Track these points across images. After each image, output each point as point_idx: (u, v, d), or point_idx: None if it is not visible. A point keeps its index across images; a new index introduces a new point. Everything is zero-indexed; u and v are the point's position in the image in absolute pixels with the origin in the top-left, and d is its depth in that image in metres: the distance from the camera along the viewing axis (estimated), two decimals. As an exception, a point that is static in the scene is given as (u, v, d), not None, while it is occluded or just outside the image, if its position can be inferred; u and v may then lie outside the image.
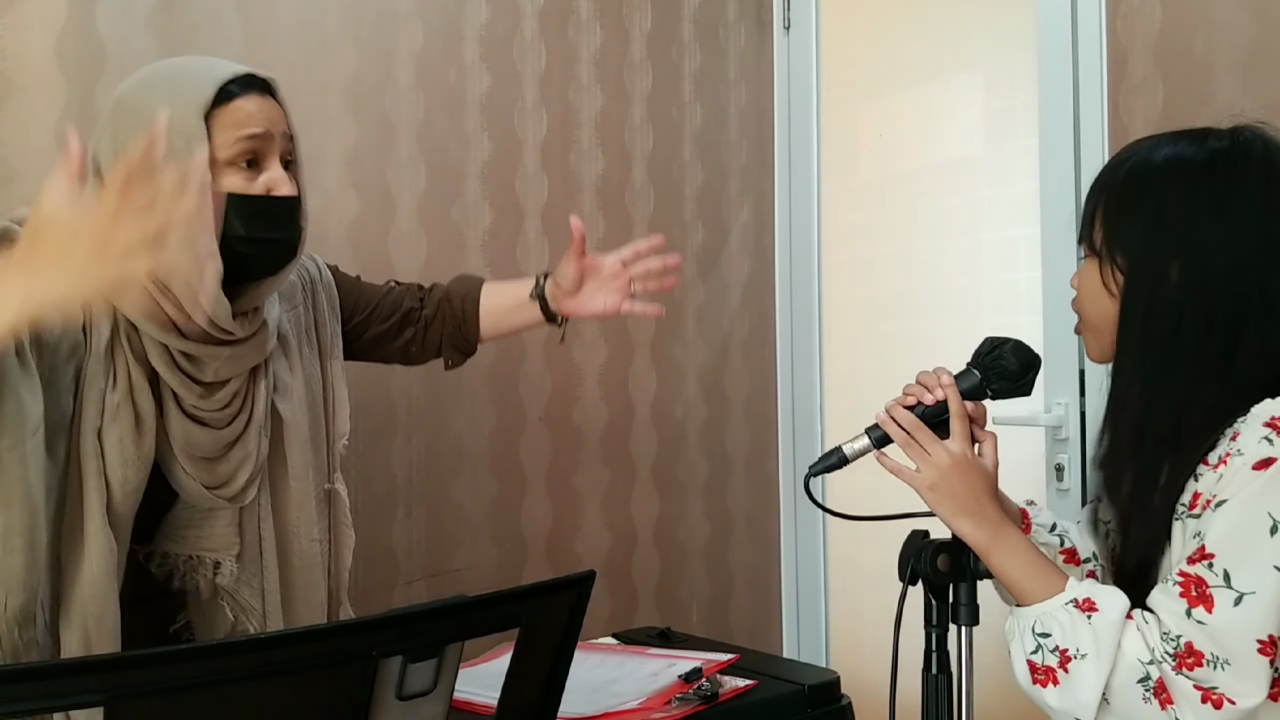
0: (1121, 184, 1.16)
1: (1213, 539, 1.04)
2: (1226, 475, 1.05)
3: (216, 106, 1.26)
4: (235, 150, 1.27)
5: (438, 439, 2.17)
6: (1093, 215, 1.18)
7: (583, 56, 2.39)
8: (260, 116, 1.29)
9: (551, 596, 0.96)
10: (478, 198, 2.23)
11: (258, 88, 1.31)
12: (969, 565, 1.17)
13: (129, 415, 1.27)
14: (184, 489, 1.33)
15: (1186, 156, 1.14)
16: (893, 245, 2.55)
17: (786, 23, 2.71)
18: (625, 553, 2.46)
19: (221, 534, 1.36)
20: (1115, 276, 1.15)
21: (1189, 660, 1.03)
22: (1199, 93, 1.89)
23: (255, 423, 1.37)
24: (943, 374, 1.22)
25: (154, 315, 1.25)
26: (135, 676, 0.75)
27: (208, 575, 1.36)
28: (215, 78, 1.27)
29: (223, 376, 1.32)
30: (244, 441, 1.36)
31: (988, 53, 2.34)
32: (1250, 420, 1.07)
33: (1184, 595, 1.04)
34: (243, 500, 1.37)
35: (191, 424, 1.31)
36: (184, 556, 1.35)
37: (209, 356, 1.30)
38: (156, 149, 1.03)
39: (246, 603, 1.39)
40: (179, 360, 1.28)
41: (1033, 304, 2.17)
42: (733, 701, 1.50)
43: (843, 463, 1.23)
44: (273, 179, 1.30)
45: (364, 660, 0.83)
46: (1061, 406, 2.10)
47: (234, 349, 1.32)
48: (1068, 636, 1.08)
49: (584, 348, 2.39)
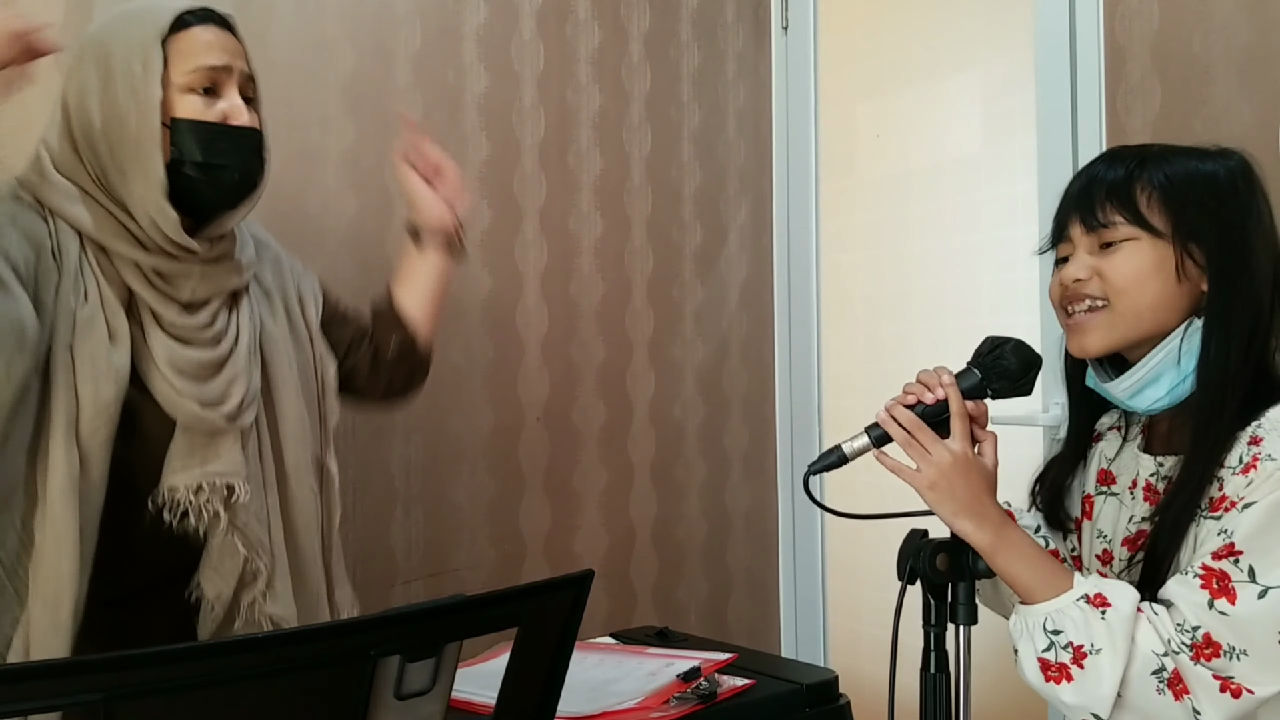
0: (1170, 173, 1.18)
1: (1241, 537, 1.06)
2: (1257, 479, 1.07)
3: (173, 34, 1.33)
4: (192, 77, 1.33)
5: (436, 438, 2.17)
6: (1131, 195, 1.17)
7: (581, 56, 2.39)
8: (218, 47, 1.35)
9: (550, 596, 0.96)
10: (476, 197, 2.22)
11: (216, 21, 1.37)
12: (968, 564, 1.17)
13: (101, 328, 1.30)
14: (177, 409, 1.33)
15: (1215, 168, 1.19)
16: (891, 245, 2.55)
17: (785, 23, 2.71)
18: (624, 552, 2.46)
19: (227, 456, 1.36)
20: (1193, 259, 1.16)
21: (1206, 651, 1.05)
22: (1197, 93, 1.89)
23: (243, 345, 1.40)
24: (943, 373, 1.22)
25: (114, 230, 1.32)
26: (134, 676, 0.75)
27: (219, 504, 1.34)
28: (173, 8, 1.34)
29: (199, 296, 1.37)
30: (233, 361, 1.38)
31: (986, 53, 2.34)
32: (1270, 425, 1.09)
33: (1205, 587, 1.06)
34: (241, 420, 1.37)
35: (175, 342, 1.34)
36: (193, 488, 1.33)
37: (181, 274, 1.35)
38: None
39: (256, 537, 1.38)
40: (152, 278, 1.33)
41: (1030, 304, 2.17)
42: (731, 701, 1.50)
43: (842, 461, 1.22)
44: (231, 108, 1.36)
45: (362, 659, 0.83)
46: (1060, 406, 2.08)
47: (204, 267, 1.37)
48: (1081, 632, 1.09)
49: (582, 347, 2.39)
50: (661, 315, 2.52)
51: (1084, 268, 1.20)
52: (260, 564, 1.38)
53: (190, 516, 1.34)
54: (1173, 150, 1.20)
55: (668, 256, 2.53)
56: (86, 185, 1.34)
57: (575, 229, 2.38)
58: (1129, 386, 1.19)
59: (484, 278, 2.23)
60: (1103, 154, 1.24)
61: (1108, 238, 1.18)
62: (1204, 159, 1.19)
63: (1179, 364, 1.16)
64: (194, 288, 1.36)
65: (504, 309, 2.27)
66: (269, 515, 1.41)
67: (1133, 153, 1.21)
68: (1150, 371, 1.18)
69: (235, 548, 1.36)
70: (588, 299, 2.40)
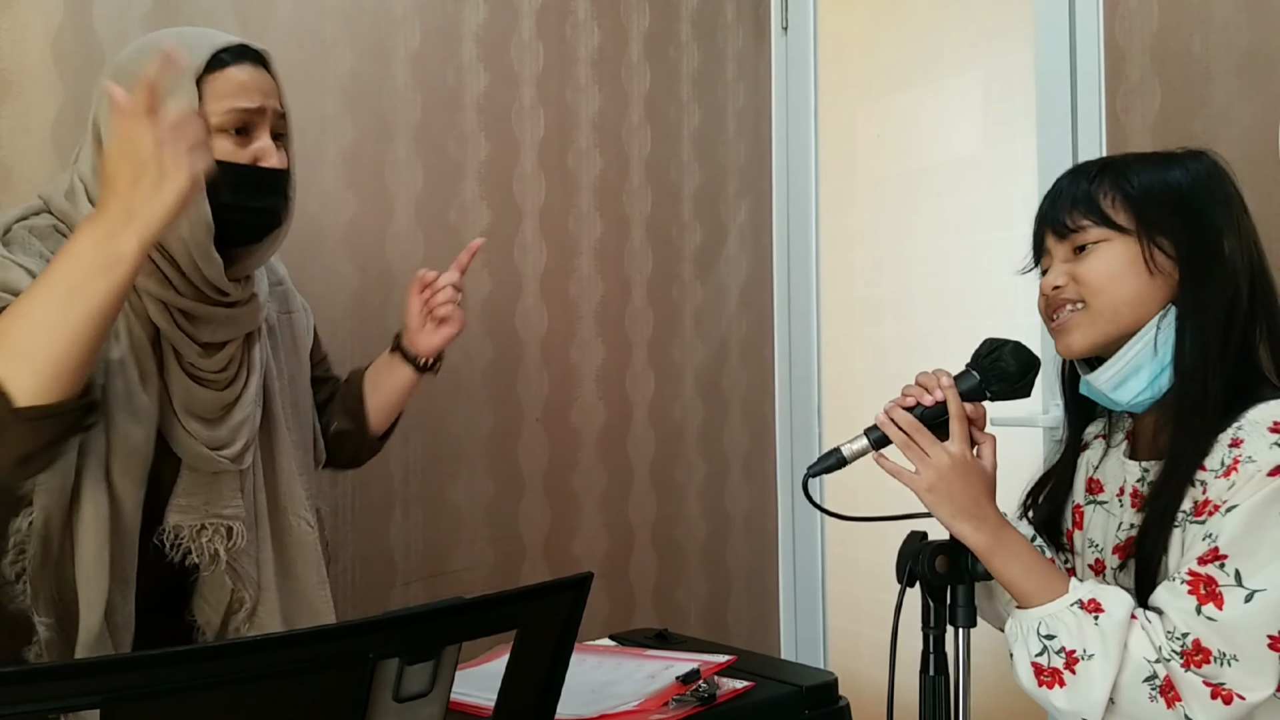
0: (1132, 178, 1.21)
1: (1225, 540, 1.06)
2: (1239, 481, 1.07)
3: (209, 73, 1.30)
4: (226, 118, 1.31)
5: (435, 440, 2.17)
6: (1094, 199, 1.20)
7: (580, 56, 2.39)
8: (252, 88, 1.33)
9: (549, 598, 0.96)
10: (475, 198, 2.23)
11: (251, 59, 1.35)
12: (967, 567, 1.17)
13: (132, 370, 1.30)
14: (187, 451, 1.35)
15: (1175, 168, 1.22)
16: (890, 246, 2.55)
17: (784, 23, 2.71)
18: (623, 553, 2.46)
19: (228, 498, 1.39)
20: (1162, 250, 1.18)
21: (1196, 657, 1.04)
22: (1196, 94, 1.89)
23: (252, 387, 1.41)
24: (942, 375, 1.22)
25: (147, 269, 1.29)
26: (132, 679, 0.75)
27: (221, 544, 1.37)
28: (209, 45, 1.32)
29: (220, 338, 1.37)
30: (242, 404, 1.40)
31: (986, 54, 2.34)
32: (1250, 427, 1.09)
33: (1192, 593, 1.06)
34: (243, 462, 1.40)
35: (192, 383, 1.34)
36: (195, 528, 1.36)
37: (207, 316, 1.34)
38: (165, 75, 1.12)
39: (245, 571, 1.41)
40: (178, 319, 1.33)
41: (1030, 305, 2.16)
42: (730, 703, 1.50)
43: (841, 464, 1.23)
44: (261, 149, 1.34)
45: (361, 662, 0.83)
46: (1059, 407, 2.10)
47: (230, 311, 1.37)
48: (1074, 638, 1.09)
49: (581, 348, 2.39)
50: (661, 316, 2.52)
51: (1060, 274, 1.23)
52: (246, 595, 1.41)
53: (192, 554, 1.37)
54: (1135, 157, 1.24)
55: (667, 257, 2.53)
56: None
57: (575, 229, 2.38)
58: (1110, 378, 1.20)
59: (483, 278, 2.23)
60: (1067, 170, 1.28)
61: (1079, 241, 1.21)
62: (1167, 162, 1.22)
63: (1156, 353, 1.17)
64: (215, 330, 1.36)
65: (503, 309, 2.27)
66: (259, 549, 1.43)
67: (1095, 164, 1.25)
68: (1130, 363, 1.19)
69: (224, 580, 1.39)
70: (587, 299, 2.40)
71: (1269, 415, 1.09)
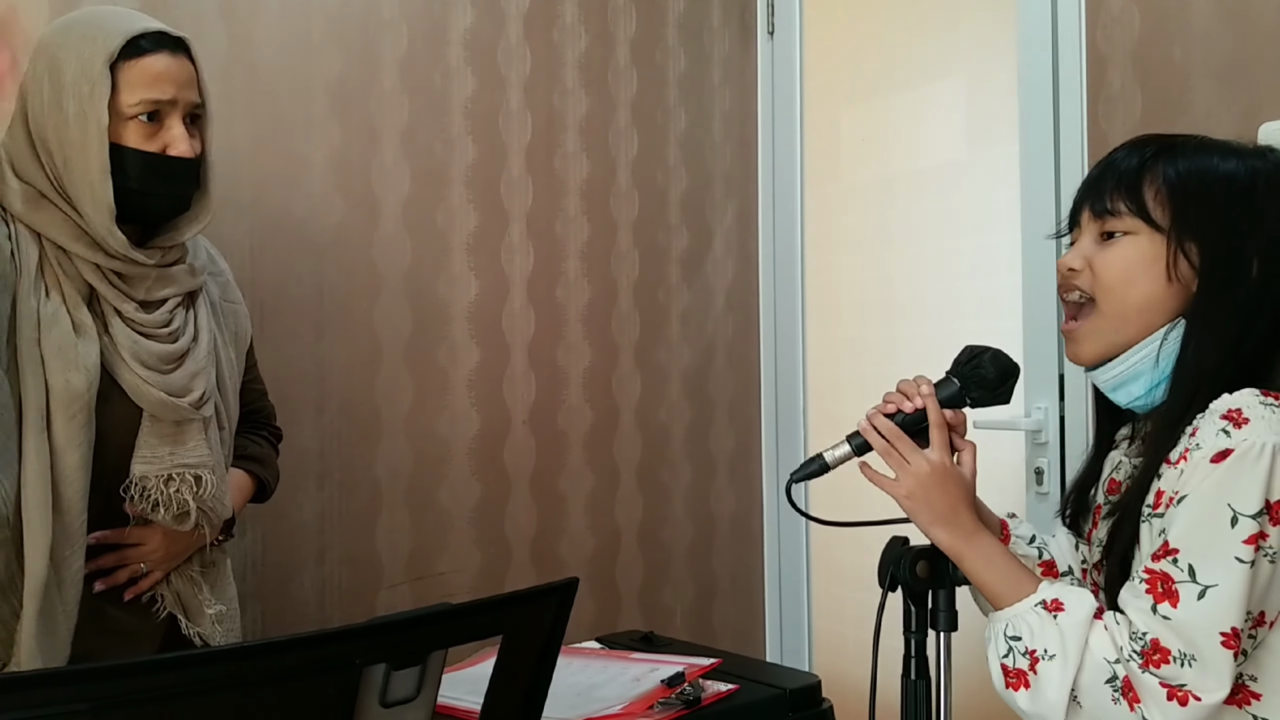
0: (1183, 168, 1.15)
1: (1175, 534, 1.04)
2: (1187, 471, 1.05)
3: (126, 60, 1.34)
4: (138, 107, 1.35)
5: (422, 442, 2.18)
6: (1139, 183, 1.15)
7: (567, 61, 2.40)
8: (167, 79, 1.37)
9: (535, 604, 0.97)
10: (462, 201, 2.23)
11: (169, 46, 1.38)
12: (947, 572, 1.18)
13: (65, 322, 1.34)
14: (147, 399, 1.38)
15: (1236, 167, 1.15)
16: (875, 249, 2.56)
17: (770, 28, 2.72)
18: (609, 556, 2.47)
19: (195, 446, 1.41)
20: (1187, 257, 1.13)
21: (1155, 657, 1.03)
22: (1176, 101, 1.91)
23: (202, 344, 1.46)
24: (922, 383, 1.22)
25: (74, 234, 1.36)
26: (119, 686, 0.76)
27: (189, 493, 1.39)
28: (126, 30, 1.35)
29: (154, 296, 1.41)
30: (194, 355, 1.44)
31: (969, 60, 2.35)
32: (1209, 415, 1.07)
33: (1150, 592, 1.05)
34: (204, 410, 1.43)
35: (137, 334, 1.39)
36: (163, 478, 1.39)
37: (138, 276, 1.40)
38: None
39: (218, 517, 1.45)
40: (110, 278, 1.38)
41: (1013, 309, 2.19)
42: (715, 706, 1.51)
43: (824, 470, 1.24)
44: (171, 137, 1.38)
45: (347, 668, 0.84)
46: (1041, 411, 2.12)
47: (159, 271, 1.42)
48: (1036, 638, 1.08)
49: (568, 351, 2.40)
50: (647, 319, 2.53)
51: (1079, 257, 1.19)
52: (205, 528, 1.44)
53: (160, 508, 1.39)
54: (1200, 143, 1.17)
55: (654, 260, 2.54)
56: (45, 189, 1.36)
57: (561, 233, 2.38)
58: (1109, 380, 1.19)
59: (470, 281, 2.24)
60: (1130, 140, 1.21)
61: (1110, 226, 1.16)
62: (1229, 156, 1.15)
63: (1157, 364, 1.14)
64: (149, 288, 1.41)
65: (490, 312, 2.27)
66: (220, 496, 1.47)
67: (1156, 142, 1.19)
68: (1130, 368, 1.16)
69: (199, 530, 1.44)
70: (574, 302, 2.40)
71: (1226, 404, 1.07)
